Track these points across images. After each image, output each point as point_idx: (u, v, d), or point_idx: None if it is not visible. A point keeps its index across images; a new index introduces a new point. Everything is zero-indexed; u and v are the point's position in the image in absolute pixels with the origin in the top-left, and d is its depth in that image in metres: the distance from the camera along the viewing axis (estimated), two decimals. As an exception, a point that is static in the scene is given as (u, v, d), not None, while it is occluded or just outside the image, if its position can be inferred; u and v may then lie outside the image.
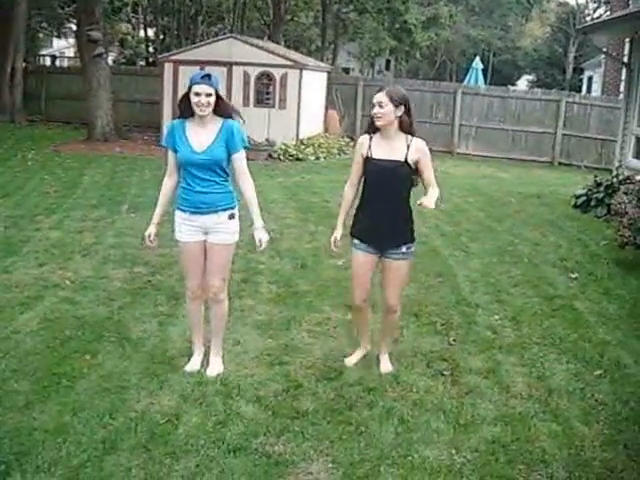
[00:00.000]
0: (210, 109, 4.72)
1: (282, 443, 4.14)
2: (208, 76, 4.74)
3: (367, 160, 4.82)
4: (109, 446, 4.03)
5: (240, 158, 4.85)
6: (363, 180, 4.92)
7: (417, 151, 4.78)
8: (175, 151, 4.87)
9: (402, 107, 4.71)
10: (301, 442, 4.16)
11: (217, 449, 4.04)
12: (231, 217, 4.88)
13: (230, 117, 4.87)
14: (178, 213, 4.96)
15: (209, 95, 4.68)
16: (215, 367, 5.07)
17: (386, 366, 5.21)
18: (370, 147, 4.81)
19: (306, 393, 4.77)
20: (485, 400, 4.82)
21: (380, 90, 4.74)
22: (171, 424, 4.31)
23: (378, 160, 4.75)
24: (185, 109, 4.81)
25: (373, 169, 4.79)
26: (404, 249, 4.88)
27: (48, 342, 5.46)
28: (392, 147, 4.75)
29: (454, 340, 5.91)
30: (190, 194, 4.83)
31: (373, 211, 4.83)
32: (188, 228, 4.90)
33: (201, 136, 4.79)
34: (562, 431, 4.44)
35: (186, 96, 4.74)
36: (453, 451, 4.14)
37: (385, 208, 4.78)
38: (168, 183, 5.06)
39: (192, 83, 4.70)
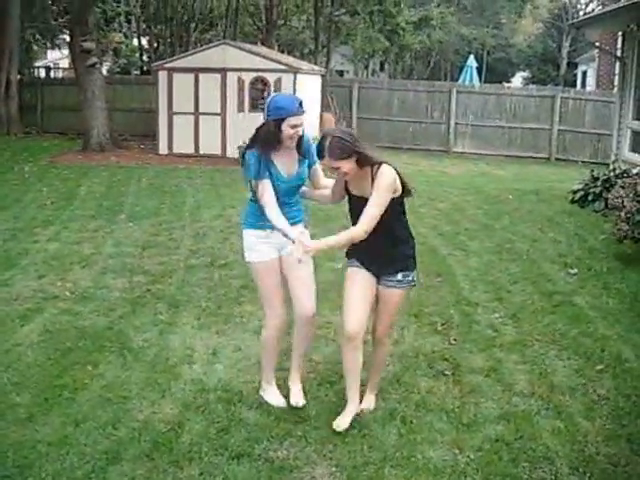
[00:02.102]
0: None
1: (285, 448, 4.14)
2: (301, 103, 4.32)
3: (348, 193, 4.39)
4: (112, 456, 4.03)
5: (318, 166, 4.55)
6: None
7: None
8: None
9: (353, 155, 4.09)
10: (304, 446, 4.16)
11: (220, 456, 4.04)
12: (306, 227, 4.71)
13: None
14: (254, 232, 4.52)
15: (302, 125, 4.31)
16: (298, 396, 4.67)
17: (368, 402, 4.69)
18: (346, 182, 4.33)
19: (308, 398, 4.76)
20: (487, 399, 4.82)
21: (320, 155, 4.14)
22: (174, 432, 4.31)
23: (354, 196, 4.32)
24: (271, 141, 4.29)
25: (353, 206, 4.34)
26: (399, 276, 4.37)
27: (49, 354, 5.46)
28: (360, 183, 4.22)
29: (455, 339, 5.91)
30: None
31: (366, 245, 4.22)
32: (268, 246, 4.52)
33: (289, 164, 4.41)
34: (565, 427, 4.44)
35: (275, 126, 4.23)
36: (456, 451, 4.14)
37: (375, 241, 4.20)
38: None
39: (288, 114, 4.21)
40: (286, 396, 4.69)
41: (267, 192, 4.32)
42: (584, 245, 9.26)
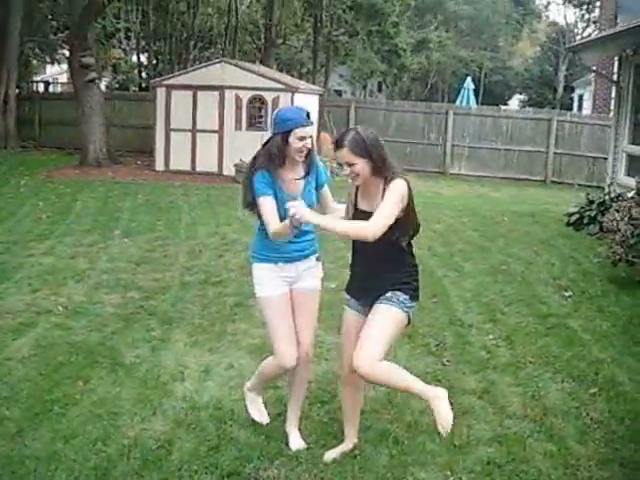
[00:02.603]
0: None
1: (276, 467, 4.10)
2: (308, 114, 4.18)
3: (354, 208, 4.08)
4: (102, 473, 4.00)
5: (327, 188, 4.37)
6: None
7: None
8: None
9: (371, 155, 3.86)
10: (295, 466, 4.13)
11: (211, 474, 4.01)
12: (318, 259, 4.48)
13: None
14: (265, 265, 4.25)
15: (311, 137, 4.14)
16: (298, 440, 4.42)
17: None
18: (356, 194, 4.08)
19: (300, 417, 4.74)
20: (480, 421, 4.79)
21: (340, 144, 3.89)
22: (164, 450, 4.27)
23: (361, 212, 3.99)
24: (277, 155, 4.07)
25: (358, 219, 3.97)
26: (388, 294, 3.94)
27: (40, 368, 5.43)
28: (370, 195, 3.97)
29: (448, 361, 5.89)
30: (281, 245, 4.17)
31: (361, 267, 4.13)
32: (280, 280, 4.26)
33: (295, 183, 4.17)
34: (557, 451, 4.42)
35: (282, 139, 4.04)
36: (448, 473, 4.11)
37: (371, 264, 4.03)
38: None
39: (295, 125, 4.03)
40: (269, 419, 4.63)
41: (273, 212, 4.01)
42: (579, 268, 9.26)
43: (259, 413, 4.60)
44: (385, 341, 3.86)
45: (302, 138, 4.04)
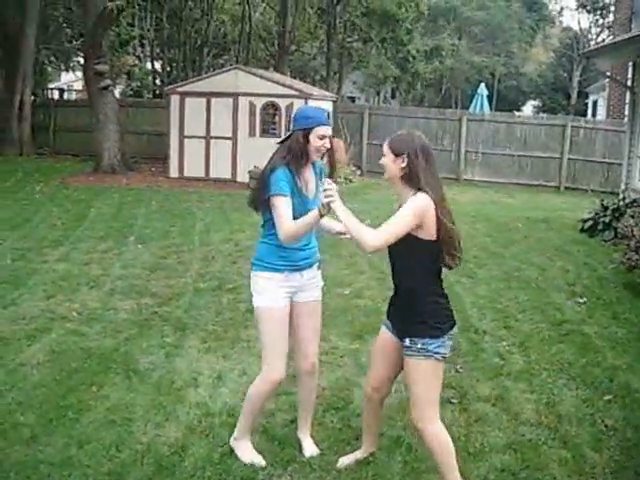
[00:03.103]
0: None
1: (289, 474, 4.10)
2: (329, 115, 4.16)
3: None
4: (115, 479, 4.01)
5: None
6: None
7: None
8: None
9: (405, 157, 3.71)
10: (308, 473, 4.12)
11: (224, 481, 4.01)
12: (319, 268, 4.35)
13: None
14: (270, 275, 4.09)
15: (330, 139, 4.07)
16: (311, 447, 4.40)
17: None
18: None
19: (314, 423, 4.72)
20: (494, 428, 4.77)
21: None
22: (177, 456, 4.28)
23: None
24: (300, 155, 3.99)
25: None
26: (407, 342, 3.73)
27: (55, 374, 5.45)
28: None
29: (462, 367, 5.87)
30: (290, 252, 4.07)
31: (393, 296, 3.97)
32: (283, 291, 4.12)
33: (309, 182, 4.10)
34: (572, 458, 4.39)
35: (303, 136, 3.97)
36: (462, 480, 4.10)
37: (397, 285, 3.89)
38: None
39: (317, 123, 3.97)
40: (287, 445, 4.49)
41: (288, 212, 3.89)
42: (593, 274, 9.22)
43: (255, 456, 4.25)
44: (429, 396, 3.78)
45: (322, 137, 3.98)
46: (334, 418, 4.87)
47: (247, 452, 4.26)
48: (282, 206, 3.90)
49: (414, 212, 3.59)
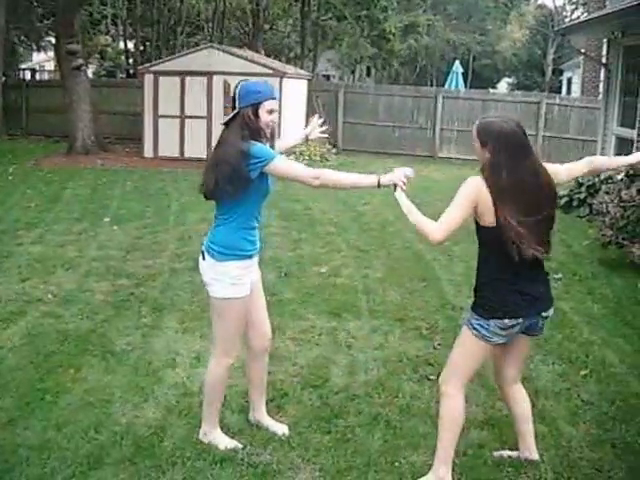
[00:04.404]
0: None
1: (268, 453, 4.11)
2: (273, 87, 3.99)
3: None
4: (94, 461, 3.99)
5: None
6: None
7: None
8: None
9: (482, 144, 3.65)
10: (287, 451, 4.13)
11: (203, 461, 4.01)
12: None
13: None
14: (239, 263, 3.93)
15: (277, 111, 3.95)
16: (280, 425, 4.41)
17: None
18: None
19: (292, 402, 4.75)
20: (472, 404, 4.79)
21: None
22: (157, 436, 4.27)
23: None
24: (256, 132, 3.84)
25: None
26: (468, 313, 3.86)
27: (31, 357, 5.41)
28: None
29: (439, 344, 5.90)
30: (253, 234, 4.02)
31: None
32: (248, 278, 4.02)
33: None
34: (549, 432, 4.44)
35: (252, 113, 3.82)
36: (440, 456, 4.12)
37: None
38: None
39: (265, 97, 3.83)
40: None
41: (292, 162, 3.87)
42: (569, 250, 9.28)
43: (232, 442, 4.20)
44: (460, 364, 3.80)
45: (271, 111, 3.84)
46: (312, 396, 4.87)
47: (223, 441, 4.19)
48: (289, 161, 3.86)
49: (466, 198, 3.59)
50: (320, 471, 3.95)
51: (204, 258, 4.00)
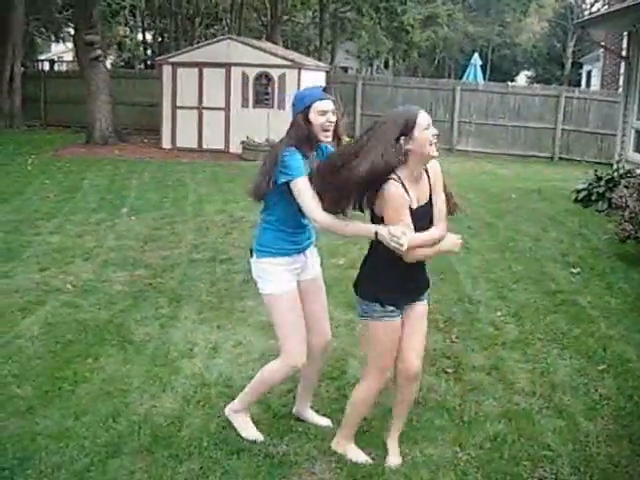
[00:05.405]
0: None
1: (285, 444, 4.12)
2: (325, 89, 3.96)
3: (411, 212, 3.76)
4: (112, 450, 4.02)
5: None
6: None
7: (435, 174, 4.07)
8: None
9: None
10: (304, 442, 4.14)
11: (220, 451, 4.02)
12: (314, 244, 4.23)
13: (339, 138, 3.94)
14: (279, 260, 3.94)
15: (334, 113, 3.84)
16: (321, 418, 4.44)
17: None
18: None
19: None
20: (488, 397, 4.80)
21: None
22: (174, 426, 4.29)
23: (420, 208, 3.92)
24: (306, 138, 3.80)
25: (419, 221, 3.87)
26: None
27: (50, 346, 5.46)
28: (420, 187, 3.95)
29: (456, 337, 5.89)
30: (297, 235, 3.99)
31: None
32: (291, 274, 4.00)
33: (313, 165, 3.84)
34: (566, 427, 4.43)
35: (303, 119, 3.80)
36: (457, 449, 4.12)
37: None
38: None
39: (313, 100, 3.79)
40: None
41: (311, 190, 3.69)
42: (587, 244, 9.24)
43: (256, 433, 4.19)
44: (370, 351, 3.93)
45: (323, 112, 3.77)
46: (330, 388, 4.88)
47: (248, 428, 4.20)
48: (309, 190, 3.70)
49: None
50: (337, 462, 3.95)
51: (251, 256, 4.07)
